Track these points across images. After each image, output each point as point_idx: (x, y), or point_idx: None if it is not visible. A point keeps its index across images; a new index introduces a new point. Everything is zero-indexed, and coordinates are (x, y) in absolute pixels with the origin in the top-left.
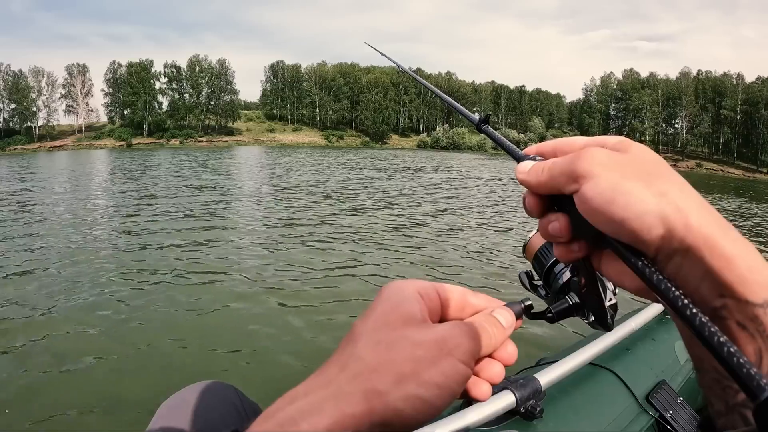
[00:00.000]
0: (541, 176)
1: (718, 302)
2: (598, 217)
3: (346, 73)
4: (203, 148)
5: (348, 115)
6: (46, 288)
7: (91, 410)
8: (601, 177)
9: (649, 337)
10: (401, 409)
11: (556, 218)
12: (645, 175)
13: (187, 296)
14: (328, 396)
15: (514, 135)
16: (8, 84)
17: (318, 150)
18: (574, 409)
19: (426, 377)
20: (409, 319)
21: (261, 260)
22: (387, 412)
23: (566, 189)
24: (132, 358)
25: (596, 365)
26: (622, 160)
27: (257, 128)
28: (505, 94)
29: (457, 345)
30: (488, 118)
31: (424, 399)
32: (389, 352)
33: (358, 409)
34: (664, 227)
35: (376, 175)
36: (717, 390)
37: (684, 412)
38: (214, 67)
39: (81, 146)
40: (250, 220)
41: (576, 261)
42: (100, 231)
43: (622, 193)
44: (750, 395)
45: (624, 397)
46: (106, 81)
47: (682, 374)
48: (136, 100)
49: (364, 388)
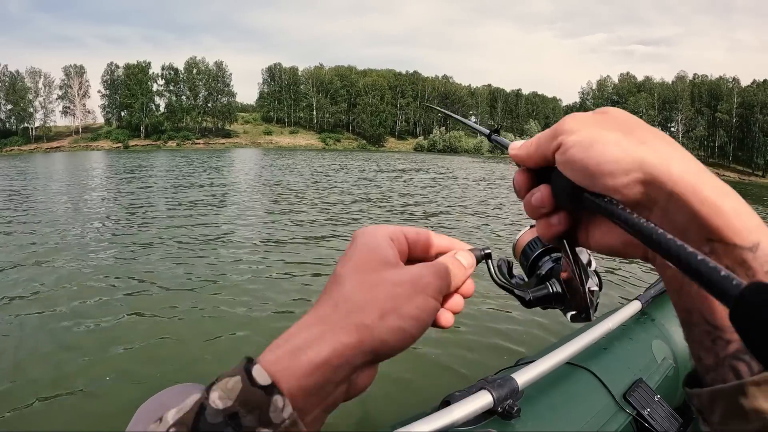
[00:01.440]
0: (530, 147)
1: (705, 247)
2: (576, 165)
3: (343, 75)
4: (200, 150)
5: (345, 117)
6: (40, 284)
7: (79, 411)
8: (582, 130)
9: (627, 336)
10: (385, 339)
11: (539, 189)
12: (624, 127)
13: (180, 298)
14: (326, 330)
15: (510, 138)
16: (5, 85)
17: (315, 153)
18: (551, 408)
19: (404, 311)
20: (385, 262)
21: (256, 263)
22: (374, 341)
23: (550, 151)
24: (120, 359)
25: (574, 365)
26: (602, 118)
27: (254, 130)
28: (502, 97)
29: (428, 283)
30: (498, 130)
31: (403, 329)
32: (372, 291)
33: (351, 339)
34: (644, 172)
35: (380, 177)
36: (707, 342)
37: (661, 409)
38: (212, 69)
39: (78, 148)
40: (247, 224)
41: (558, 235)
42: (94, 234)
43: (599, 141)
44: (724, 298)
45: (601, 395)
46: (103, 82)
47: (660, 372)
48: (133, 101)
49: (354, 323)
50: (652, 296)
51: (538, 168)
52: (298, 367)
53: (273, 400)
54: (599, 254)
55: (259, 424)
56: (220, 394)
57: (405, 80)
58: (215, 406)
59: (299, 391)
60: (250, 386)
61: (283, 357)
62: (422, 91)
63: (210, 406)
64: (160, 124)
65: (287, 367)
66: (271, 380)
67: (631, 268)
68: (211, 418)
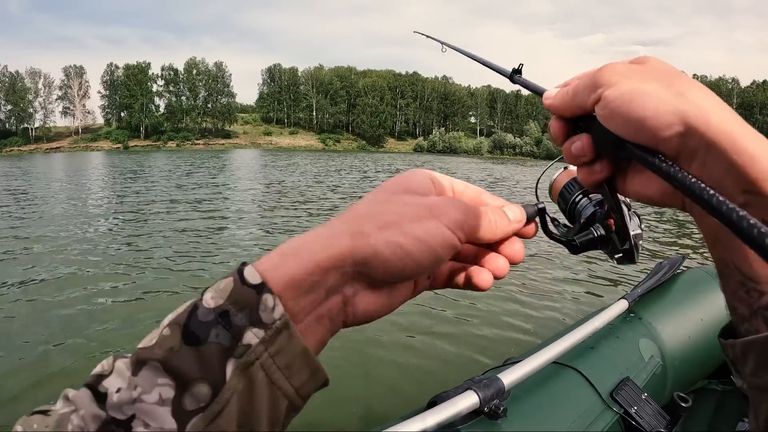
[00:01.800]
0: (566, 96)
1: (741, 198)
2: (618, 119)
3: (343, 76)
4: (200, 151)
5: (345, 118)
6: (39, 281)
7: None
8: (622, 83)
9: (613, 335)
10: (381, 250)
11: (579, 138)
12: (664, 78)
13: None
14: (323, 233)
15: (510, 139)
16: (5, 85)
17: (315, 153)
18: (538, 407)
19: (408, 228)
20: (410, 190)
21: None
22: (368, 250)
23: (588, 102)
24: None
25: (560, 364)
26: (641, 68)
27: (254, 131)
28: (501, 98)
29: (445, 212)
30: (521, 69)
31: (403, 247)
32: (380, 205)
33: (344, 243)
34: (684, 125)
35: (382, 177)
36: (741, 293)
37: (649, 407)
38: (211, 69)
39: (77, 148)
40: (249, 224)
41: (599, 183)
42: (94, 233)
43: (641, 93)
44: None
45: (588, 394)
46: (103, 83)
47: (647, 371)
48: (133, 102)
49: (351, 229)
50: (639, 295)
51: (573, 116)
52: (287, 266)
53: (263, 299)
54: (630, 207)
55: (250, 322)
56: (213, 294)
57: (404, 81)
58: (207, 305)
59: (288, 289)
60: (241, 285)
61: (274, 257)
62: (422, 91)
63: (202, 306)
64: (160, 124)
65: (277, 266)
66: (261, 279)
67: (618, 269)
68: (202, 316)
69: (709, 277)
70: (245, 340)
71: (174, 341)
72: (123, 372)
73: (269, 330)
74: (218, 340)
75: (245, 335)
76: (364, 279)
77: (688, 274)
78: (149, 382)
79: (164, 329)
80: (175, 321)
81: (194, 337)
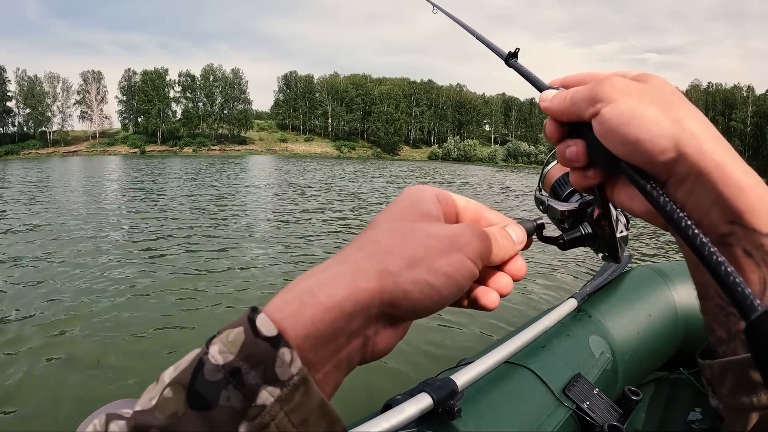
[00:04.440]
0: (563, 103)
1: (726, 228)
2: (614, 138)
3: (358, 84)
4: (216, 157)
5: (360, 126)
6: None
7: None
8: (620, 101)
9: (564, 333)
10: (410, 290)
11: (574, 143)
12: (662, 102)
13: (195, 304)
14: (344, 271)
15: (525, 147)
16: (24, 89)
17: (331, 161)
18: (491, 406)
19: (436, 265)
20: (426, 215)
21: (273, 273)
22: (397, 291)
23: (586, 114)
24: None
25: (513, 363)
26: (642, 88)
27: (270, 138)
28: (516, 106)
29: (467, 243)
30: (517, 53)
31: (432, 285)
32: (404, 238)
33: (371, 285)
34: (677, 151)
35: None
36: (720, 317)
37: (600, 402)
38: (228, 76)
39: (95, 152)
40: (266, 229)
41: (590, 188)
42: (112, 235)
43: (639, 115)
44: (742, 314)
45: (541, 391)
46: (120, 88)
47: (598, 366)
48: (150, 107)
49: (378, 268)
50: (588, 294)
51: (569, 122)
52: (307, 312)
53: (279, 354)
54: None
55: (264, 381)
56: (221, 347)
57: (419, 89)
58: (215, 362)
59: (307, 340)
60: (254, 338)
61: (291, 301)
62: (436, 99)
63: (209, 362)
64: (177, 130)
65: (295, 313)
66: (277, 330)
67: (567, 268)
68: (210, 375)
69: (655, 274)
70: (259, 401)
71: (177, 405)
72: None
73: (286, 387)
74: (229, 403)
75: (259, 395)
76: (386, 318)
77: (635, 272)
78: None
79: (165, 390)
80: (178, 380)
81: (201, 400)
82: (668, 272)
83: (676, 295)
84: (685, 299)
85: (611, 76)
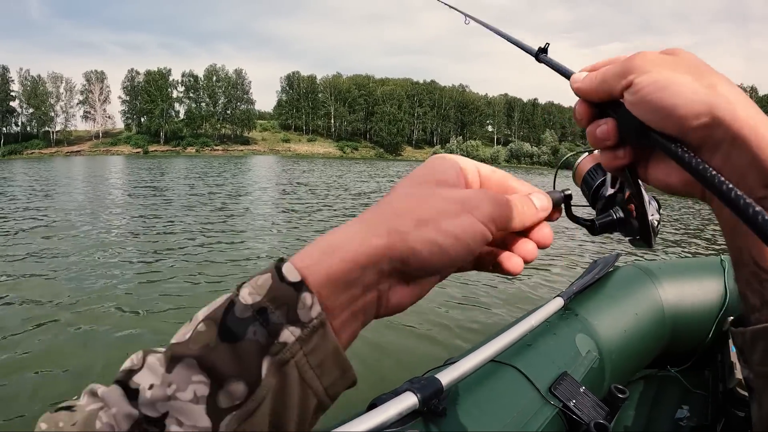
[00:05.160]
0: (594, 80)
1: (762, 192)
2: (648, 105)
3: (361, 84)
4: (219, 157)
5: (362, 126)
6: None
7: None
8: (654, 71)
9: (550, 332)
10: (418, 249)
11: (605, 122)
12: (695, 70)
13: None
14: (360, 229)
15: (527, 148)
16: (27, 89)
17: (334, 161)
18: (477, 405)
19: (444, 226)
20: (442, 181)
21: None
22: (405, 248)
23: (617, 88)
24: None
25: (499, 362)
26: (672, 59)
27: (272, 138)
28: (519, 107)
29: (477, 206)
30: (547, 48)
31: (440, 245)
32: (416, 201)
33: (381, 242)
34: (712, 116)
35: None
36: (754, 284)
37: (587, 400)
38: (231, 76)
39: (98, 152)
40: (269, 230)
41: (622, 168)
42: (116, 233)
43: (673, 82)
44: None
45: (527, 390)
46: (123, 88)
47: (584, 365)
48: (153, 108)
49: (388, 226)
50: (575, 292)
51: (600, 101)
52: (326, 263)
53: (301, 297)
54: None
55: (287, 321)
56: (250, 290)
57: (422, 89)
58: (244, 302)
59: (326, 287)
60: (279, 282)
61: (313, 253)
62: (439, 100)
63: (239, 302)
64: (180, 130)
65: (316, 263)
66: (301, 277)
67: (554, 268)
68: (239, 312)
69: (642, 273)
70: (282, 338)
71: (210, 337)
72: (155, 368)
73: (306, 328)
74: (255, 338)
75: (282, 333)
76: (398, 274)
77: (622, 270)
78: (184, 379)
79: (199, 324)
80: (211, 317)
81: (231, 333)
82: (655, 271)
83: (663, 294)
84: (672, 298)
85: (641, 51)
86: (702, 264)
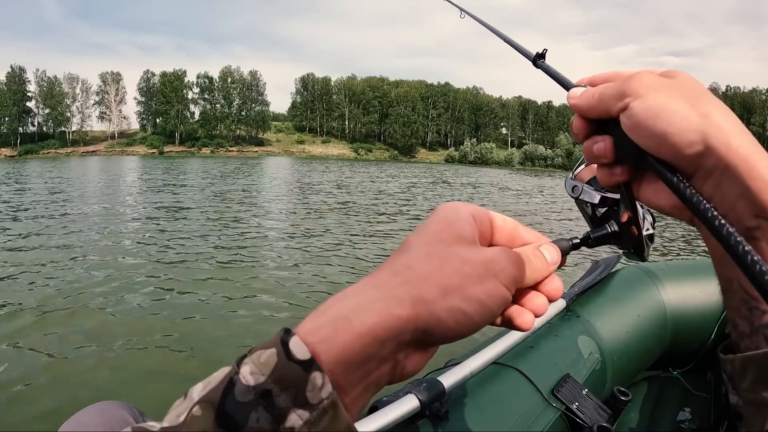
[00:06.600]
0: (591, 99)
1: (752, 222)
2: (643, 131)
3: (375, 86)
4: (234, 158)
5: (377, 128)
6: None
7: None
8: (648, 96)
9: (552, 333)
10: (444, 319)
11: (602, 139)
12: (690, 97)
13: (211, 305)
14: (378, 297)
15: (541, 151)
16: (43, 89)
17: (348, 162)
18: (479, 408)
19: (470, 293)
20: (461, 238)
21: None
22: (431, 319)
23: (614, 109)
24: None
25: (501, 364)
26: (669, 83)
27: (287, 139)
28: (533, 109)
29: (502, 269)
30: (545, 53)
31: (465, 313)
32: (439, 264)
33: (405, 313)
34: (705, 144)
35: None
36: (743, 311)
37: (590, 402)
38: (246, 78)
39: (113, 152)
40: (284, 234)
41: (617, 185)
42: (133, 232)
43: (667, 109)
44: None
45: (529, 392)
46: (139, 89)
47: (587, 367)
48: (168, 108)
49: (412, 295)
50: (576, 294)
51: (598, 118)
52: (340, 337)
53: (311, 377)
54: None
55: (294, 404)
56: (252, 368)
57: (436, 91)
58: (246, 383)
59: (339, 365)
60: (286, 361)
61: (324, 326)
62: (453, 102)
63: (240, 382)
64: (195, 131)
65: (328, 338)
66: (311, 354)
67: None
68: (240, 395)
69: (644, 274)
70: (288, 423)
71: (206, 424)
72: None
73: (315, 410)
74: (258, 425)
75: (289, 417)
76: (418, 343)
77: (624, 272)
78: None
79: (194, 408)
80: (207, 399)
81: (231, 420)
82: (657, 272)
83: (665, 295)
84: (674, 299)
85: (639, 72)
86: (704, 265)
